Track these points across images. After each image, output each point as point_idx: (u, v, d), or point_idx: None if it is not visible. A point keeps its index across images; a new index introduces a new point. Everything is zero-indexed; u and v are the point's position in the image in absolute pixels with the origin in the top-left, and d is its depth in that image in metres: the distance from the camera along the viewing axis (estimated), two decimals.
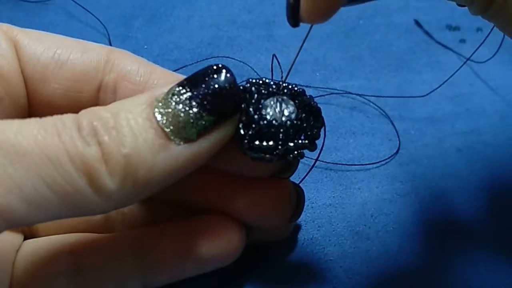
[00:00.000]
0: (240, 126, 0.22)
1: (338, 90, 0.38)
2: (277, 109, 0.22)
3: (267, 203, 0.24)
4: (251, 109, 0.22)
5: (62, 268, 0.23)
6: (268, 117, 0.22)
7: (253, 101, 0.22)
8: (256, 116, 0.22)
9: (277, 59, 0.23)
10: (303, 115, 0.22)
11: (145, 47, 0.41)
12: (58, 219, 0.19)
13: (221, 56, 0.41)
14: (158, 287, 0.25)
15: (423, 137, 0.35)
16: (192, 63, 0.40)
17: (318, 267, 0.27)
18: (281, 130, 0.22)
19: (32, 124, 0.18)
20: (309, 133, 0.22)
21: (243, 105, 0.22)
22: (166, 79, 0.24)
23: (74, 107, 0.24)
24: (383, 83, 0.38)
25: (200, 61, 0.40)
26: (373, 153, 0.34)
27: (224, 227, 0.24)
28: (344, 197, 0.31)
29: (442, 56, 0.40)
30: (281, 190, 0.25)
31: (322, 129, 0.23)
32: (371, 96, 0.37)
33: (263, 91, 0.22)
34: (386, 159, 0.33)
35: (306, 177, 0.31)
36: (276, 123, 0.22)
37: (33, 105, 0.24)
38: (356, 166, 0.33)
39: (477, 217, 0.30)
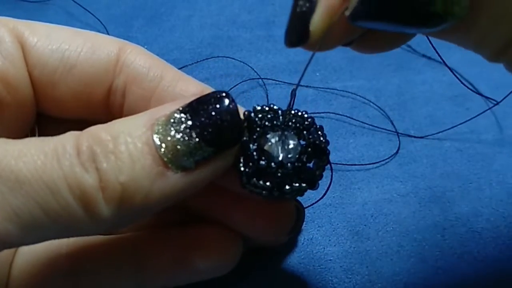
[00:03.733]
0: (241, 159, 0.21)
1: (338, 90, 0.38)
2: (279, 148, 0.21)
3: (266, 217, 0.24)
4: (251, 145, 0.21)
5: (59, 270, 0.23)
6: (268, 156, 0.21)
7: (254, 136, 0.21)
8: (255, 154, 0.21)
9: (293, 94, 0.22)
10: (306, 156, 0.21)
11: (145, 47, 0.41)
12: (51, 239, 0.20)
13: (221, 56, 0.41)
14: None
15: (423, 137, 0.35)
16: (192, 63, 0.40)
17: (318, 267, 0.27)
18: (279, 173, 0.21)
19: (33, 149, 0.18)
20: (309, 176, 0.21)
21: (244, 138, 0.21)
22: (176, 85, 0.23)
23: (84, 109, 0.24)
24: (383, 83, 0.38)
25: (200, 61, 0.40)
26: (373, 153, 0.34)
27: (221, 240, 0.24)
28: (344, 197, 0.31)
29: (442, 56, 0.40)
30: (281, 204, 0.25)
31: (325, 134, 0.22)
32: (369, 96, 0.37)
33: (267, 123, 0.21)
34: (386, 159, 0.33)
35: None
36: (275, 166, 0.20)
37: (41, 108, 0.24)
38: (356, 166, 0.33)
39: (477, 217, 0.30)
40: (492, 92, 0.37)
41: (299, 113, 0.22)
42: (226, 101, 0.20)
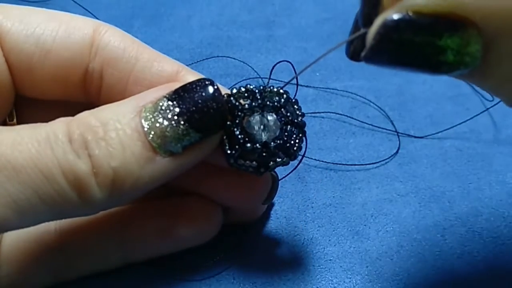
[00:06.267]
0: (226, 143, 0.22)
1: (338, 90, 0.38)
2: (261, 129, 0.22)
3: (243, 185, 0.25)
4: (235, 129, 0.22)
5: (48, 246, 0.24)
6: (252, 139, 0.22)
7: (237, 120, 0.22)
8: (240, 137, 0.22)
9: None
10: (285, 133, 0.22)
11: None
12: (46, 222, 0.20)
13: (221, 56, 0.41)
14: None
15: (423, 137, 0.35)
16: (192, 63, 0.40)
17: (318, 267, 0.28)
18: (264, 153, 0.22)
19: (27, 137, 0.19)
20: (290, 150, 0.23)
21: (228, 123, 0.22)
22: (152, 66, 0.24)
23: (62, 91, 0.24)
24: (383, 83, 0.38)
25: (200, 61, 0.40)
26: (373, 153, 0.33)
27: (201, 208, 0.26)
28: (344, 197, 0.31)
29: None
30: None
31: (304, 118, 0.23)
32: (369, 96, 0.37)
33: (246, 106, 0.22)
34: (386, 159, 0.33)
35: (307, 177, 0.31)
36: (260, 147, 0.22)
37: (20, 91, 0.24)
38: (356, 166, 0.33)
39: (477, 217, 0.30)
40: None
41: (275, 89, 0.23)
42: (211, 89, 0.21)
